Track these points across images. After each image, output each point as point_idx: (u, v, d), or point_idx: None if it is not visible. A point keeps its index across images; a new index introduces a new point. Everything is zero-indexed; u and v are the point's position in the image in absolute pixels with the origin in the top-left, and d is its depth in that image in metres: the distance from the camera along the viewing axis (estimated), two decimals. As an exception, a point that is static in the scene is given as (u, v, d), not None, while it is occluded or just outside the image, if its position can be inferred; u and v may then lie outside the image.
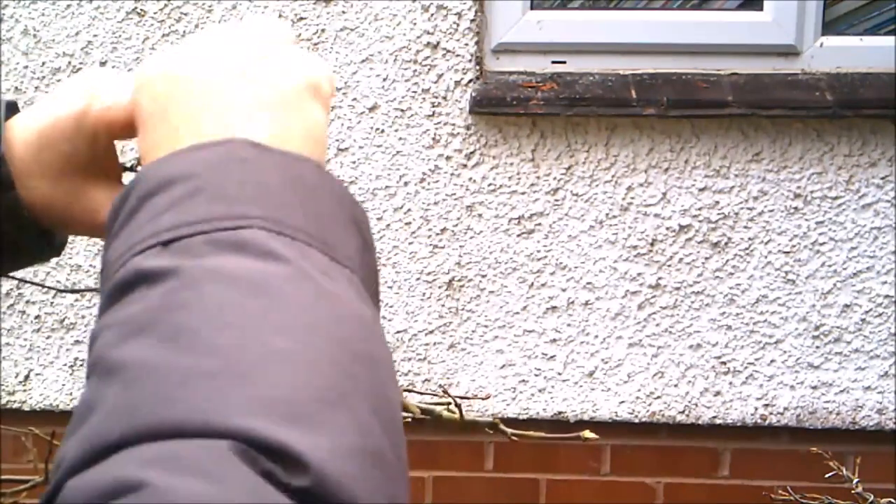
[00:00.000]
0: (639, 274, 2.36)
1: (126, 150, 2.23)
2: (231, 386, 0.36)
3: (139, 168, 0.48)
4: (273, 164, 0.45)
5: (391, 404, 0.41)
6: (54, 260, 1.11)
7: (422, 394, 1.46)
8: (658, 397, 2.42)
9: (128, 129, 0.58)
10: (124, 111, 0.57)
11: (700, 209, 2.33)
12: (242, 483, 0.33)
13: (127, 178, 0.61)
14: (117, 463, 0.34)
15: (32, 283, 2.22)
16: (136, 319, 0.40)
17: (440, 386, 2.37)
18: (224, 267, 0.40)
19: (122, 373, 0.38)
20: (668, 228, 2.34)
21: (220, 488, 0.33)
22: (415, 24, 2.29)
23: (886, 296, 2.34)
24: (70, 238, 0.67)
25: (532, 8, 2.36)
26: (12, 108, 0.62)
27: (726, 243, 2.34)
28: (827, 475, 1.74)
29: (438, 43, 2.30)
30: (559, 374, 2.42)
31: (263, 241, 0.42)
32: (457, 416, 1.34)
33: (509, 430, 1.35)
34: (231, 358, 0.37)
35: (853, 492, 1.69)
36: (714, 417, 2.42)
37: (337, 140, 2.35)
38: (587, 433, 1.32)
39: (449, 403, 1.35)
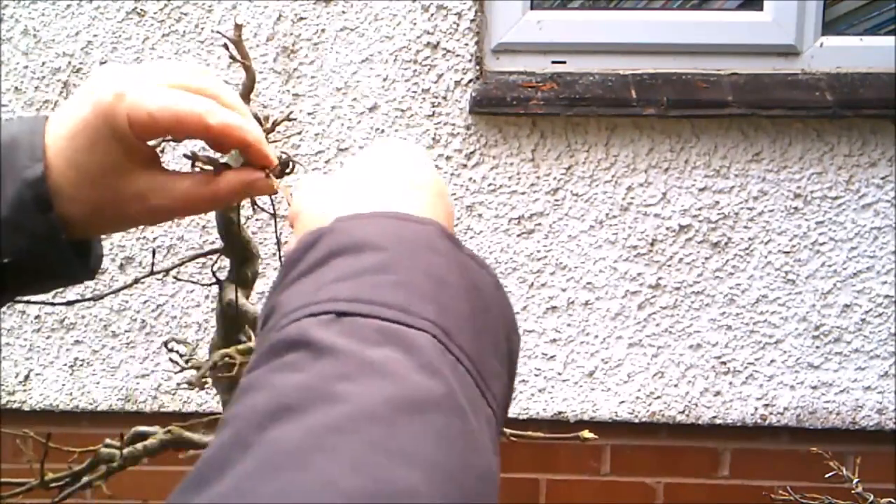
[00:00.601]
0: (639, 274, 2.36)
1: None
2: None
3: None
4: (458, 265, 0.46)
5: None
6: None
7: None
8: (658, 397, 2.41)
9: (152, 128, 0.58)
10: (148, 110, 0.57)
11: (700, 209, 2.33)
12: None
13: (164, 164, 0.61)
14: None
15: (20, 302, 2.21)
16: (289, 394, 0.39)
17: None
18: (388, 368, 0.40)
19: (259, 453, 0.37)
20: (668, 228, 2.34)
21: None
22: (415, 24, 2.29)
23: (886, 296, 2.34)
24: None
25: (532, 8, 2.36)
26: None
27: (726, 243, 2.34)
28: (827, 475, 1.73)
29: (438, 43, 2.30)
30: (559, 374, 2.42)
31: (432, 354, 0.41)
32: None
33: (508, 431, 1.35)
34: (367, 480, 0.36)
35: (853, 492, 1.69)
36: (714, 417, 2.42)
37: (337, 140, 2.35)
38: (586, 433, 1.31)
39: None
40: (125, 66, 0.61)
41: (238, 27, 0.93)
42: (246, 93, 0.96)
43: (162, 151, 0.63)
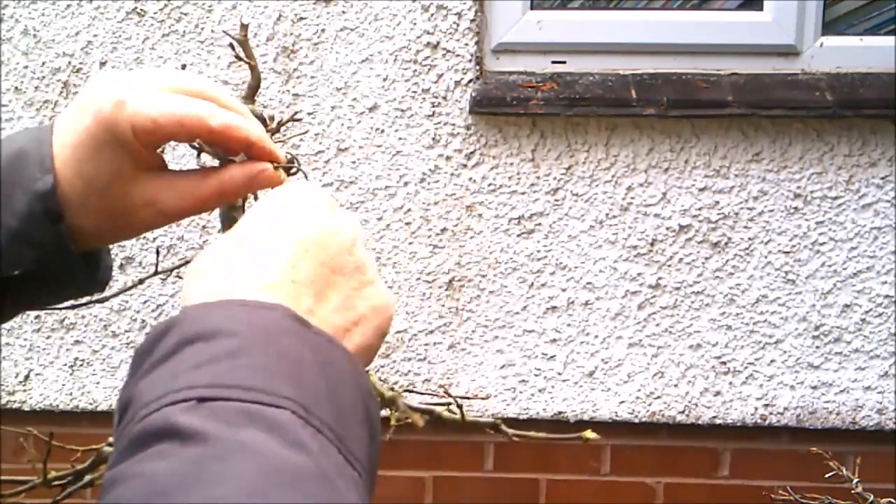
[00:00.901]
0: (639, 274, 2.36)
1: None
2: None
3: (182, 306, 0.49)
4: (309, 344, 0.47)
5: None
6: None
7: (422, 394, 1.46)
8: (658, 397, 2.42)
9: (156, 134, 0.58)
10: (150, 116, 0.57)
11: (700, 209, 2.33)
12: None
13: (173, 164, 0.61)
14: None
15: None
16: (162, 481, 0.40)
17: (441, 386, 2.37)
18: (255, 445, 0.41)
19: None
20: (668, 228, 2.34)
21: None
22: (415, 24, 2.29)
23: (886, 296, 2.34)
24: None
25: (532, 8, 2.36)
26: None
27: (726, 243, 2.34)
28: (827, 475, 1.73)
29: (438, 43, 2.30)
30: (559, 374, 2.42)
31: (294, 429, 0.42)
32: (457, 416, 1.34)
33: (510, 431, 1.35)
34: None
35: (853, 492, 1.69)
36: (714, 417, 2.42)
37: (337, 140, 2.34)
38: (588, 433, 1.31)
39: (450, 404, 1.35)
40: (122, 72, 0.60)
41: (244, 27, 0.92)
42: (251, 93, 0.96)
43: (162, 151, 0.63)
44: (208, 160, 0.63)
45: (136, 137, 0.58)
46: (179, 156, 2.31)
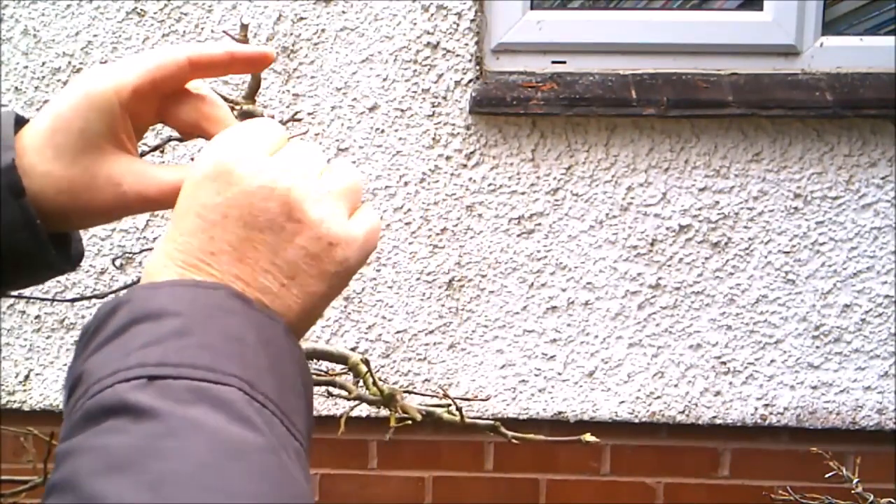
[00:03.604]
0: (639, 274, 2.36)
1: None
2: None
3: (134, 285, 0.51)
4: (251, 322, 0.49)
5: None
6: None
7: (422, 395, 1.46)
8: (658, 397, 2.42)
9: (136, 99, 0.59)
10: (130, 83, 0.59)
11: (700, 209, 2.33)
12: None
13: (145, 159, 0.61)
14: None
15: (20, 297, 2.22)
16: (117, 454, 0.41)
17: (440, 387, 2.37)
18: (205, 422, 0.43)
19: None
20: (668, 228, 2.34)
21: None
22: (415, 24, 2.29)
23: (886, 296, 2.34)
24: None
25: (532, 8, 2.36)
26: (20, 122, 0.62)
27: (726, 243, 2.35)
28: (827, 475, 1.73)
29: (438, 43, 2.30)
30: (559, 374, 2.42)
31: (241, 406, 0.45)
32: (457, 418, 1.34)
33: (510, 433, 1.35)
34: None
35: (853, 492, 1.69)
36: (714, 417, 2.42)
37: (337, 140, 2.35)
38: (588, 436, 1.31)
39: (449, 405, 1.35)
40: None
41: (244, 27, 0.93)
42: (251, 93, 0.96)
43: (162, 152, 0.63)
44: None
45: (109, 105, 0.59)
46: (179, 156, 2.31)
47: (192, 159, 0.63)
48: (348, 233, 0.53)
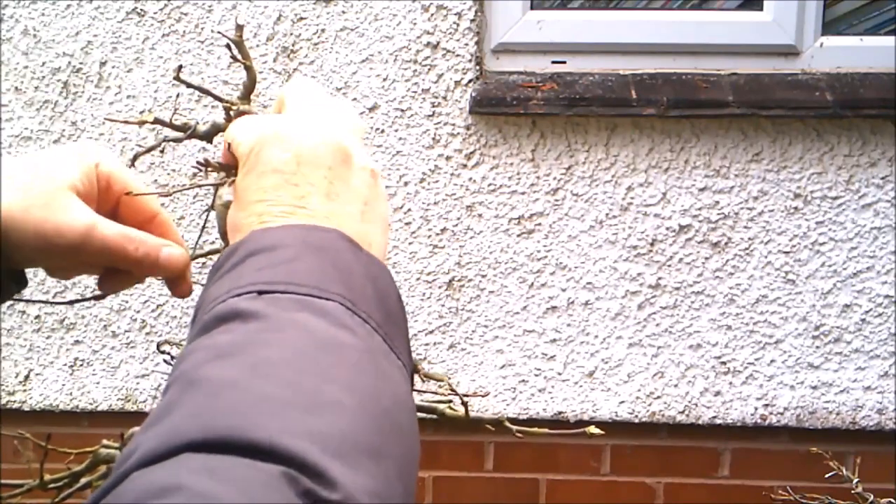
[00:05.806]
0: (639, 274, 2.36)
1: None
2: (296, 415, 0.42)
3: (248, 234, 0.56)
4: (361, 262, 0.54)
5: (413, 471, 0.48)
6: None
7: (423, 392, 1.46)
8: (658, 397, 2.42)
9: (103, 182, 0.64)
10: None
11: (700, 209, 2.33)
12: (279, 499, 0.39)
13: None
14: (178, 465, 0.39)
15: (20, 300, 2.22)
16: (224, 346, 0.46)
17: (447, 382, 2.37)
18: (307, 323, 0.48)
19: (204, 385, 0.44)
20: (668, 228, 2.34)
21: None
22: (415, 24, 2.29)
23: (886, 296, 2.34)
24: None
25: (532, 8, 2.36)
26: None
27: (726, 243, 2.34)
28: (827, 475, 1.73)
29: (438, 43, 2.30)
30: (559, 373, 2.42)
31: (341, 315, 0.49)
32: (460, 413, 1.34)
33: (514, 427, 1.35)
34: (300, 394, 0.44)
35: (853, 492, 1.69)
36: (714, 417, 2.42)
37: (337, 140, 2.34)
38: (592, 429, 1.32)
39: (450, 401, 1.35)
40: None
41: (240, 27, 0.93)
42: (247, 93, 0.96)
43: (162, 151, 0.64)
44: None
45: (98, 183, 0.65)
46: (179, 156, 2.31)
47: (197, 161, 0.67)
48: (375, 166, 0.61)
